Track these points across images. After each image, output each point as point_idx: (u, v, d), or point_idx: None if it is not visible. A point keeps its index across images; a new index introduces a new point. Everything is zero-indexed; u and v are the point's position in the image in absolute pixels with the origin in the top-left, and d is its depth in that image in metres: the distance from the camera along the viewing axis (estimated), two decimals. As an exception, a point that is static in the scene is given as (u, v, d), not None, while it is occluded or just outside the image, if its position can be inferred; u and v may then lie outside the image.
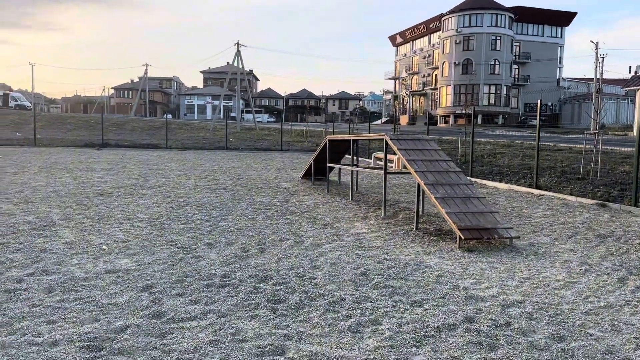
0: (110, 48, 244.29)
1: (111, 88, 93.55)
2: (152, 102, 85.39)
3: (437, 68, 66.87)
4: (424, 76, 71.80)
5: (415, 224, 7.46)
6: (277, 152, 26.46)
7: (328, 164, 11.79)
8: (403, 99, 76.57)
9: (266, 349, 3.40)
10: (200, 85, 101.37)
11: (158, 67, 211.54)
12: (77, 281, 4.72)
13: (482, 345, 3.54)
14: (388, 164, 9.00)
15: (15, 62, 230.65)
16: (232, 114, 66.33)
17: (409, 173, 8.23)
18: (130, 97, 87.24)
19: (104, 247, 6.01)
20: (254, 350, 3.38)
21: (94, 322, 3.79)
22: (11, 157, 18.09)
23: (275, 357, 3.29)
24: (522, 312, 4.19)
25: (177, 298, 4.36)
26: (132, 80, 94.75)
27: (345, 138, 11.51)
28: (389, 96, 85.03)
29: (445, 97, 63.57)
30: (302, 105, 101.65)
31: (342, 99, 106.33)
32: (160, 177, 13.48)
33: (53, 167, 15.33)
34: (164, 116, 62.36)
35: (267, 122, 71.83)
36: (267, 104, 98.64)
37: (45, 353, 3.25)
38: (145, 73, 70.65)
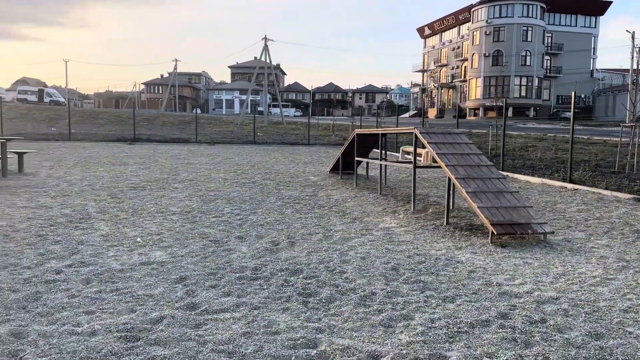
0: (141, 44, 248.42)
1: (142, 83, 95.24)
2: (181, 97, 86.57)
3: (466, 60, 65.83)
4: (452, 68, 70.80)
5: (445, 219, 7.39)
6: (304, 146, 26.54)
7: (356, 158, 11.76)
8: (431, 92, 75.69)
9: (299, 342, 3.43)
10: (228, 80, 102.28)
11: (187, 62, 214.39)
12: (113, 273, 4.84)
13: (517, 341, 3.49)
14: (417, 158, 8.92)
15: (50, 58, 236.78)
16: (260, 109, 66.73)
17: (439, 167, 8.15)
18: (161, 92, 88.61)
19: (138, 239, 6.14)
20: (286, 343, 3.41)
21: (131, 312, 3.88)
22: (47, 152, 18.63)
23: (307, 350, 3.31)
24: (558, 309, 4.11)
25: (210, 290, 4.42)
26: (162, 76, 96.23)
27: (374, 132, 11.46)
28: (416, 89, 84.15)
29: (475, 90, 62.58)
30: (329, 99, 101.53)
31: (369, 92, 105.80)
32: (191, 171, 13.69)
33: (87, 161, 15.73)
34: (193, 111, 63.15)
35: (294, 116, 72.01)
36: (294, 98, 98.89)
37: (85, 342, 3.35)
38: (175, 68, 71.67)
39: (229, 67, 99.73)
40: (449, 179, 7.30)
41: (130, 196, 9.33)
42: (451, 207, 8.11)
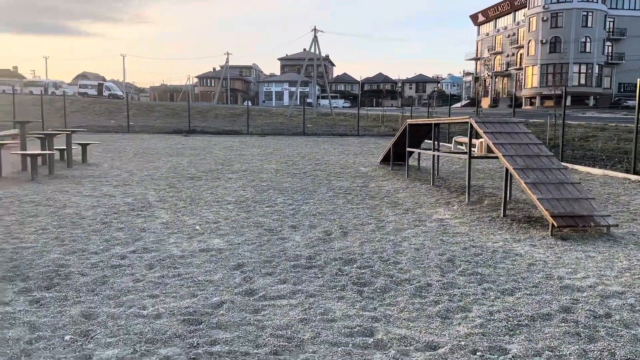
0: (195, 38, 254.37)
1: (195, 77, 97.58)
2: (232, 89, 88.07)
3: (522, 47, 63.57)
4: (507, 56, 68.56)
5: (502, 210, 7.21)
6: (354, 137, 26.48)
7: (408, 149, 11.63)
8: (484, 81, 73.66)
9: (355, 330, 3.45)
10: (277, 72, 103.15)
11: (238, 55, 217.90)
12: (174, 259, 5.02)
13: (581, 336, 3.38)
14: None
15: (108, 54, 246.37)
16: (308, 100, 66.98)
17: (495, 157, 7.96)
18: (213, 85, 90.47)
19: (197, 227, 6.34)
20: (343, 331, 3.44)
21: (192, 297, 4.03)
22: (108, 143, 19.46)
23: (364, 338, 3.33)
24: (624, 304, 3.94)
25: (266, 277, 4.52)
26: (214, 69, 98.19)
27: (426, 122, 11.29)
28: (469, 78, 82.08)
29: (531, 78, 60.37)
30: (378, 90, 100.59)
31: (419, 82, 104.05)
32: (243, 162, 13.96)
33: (146, 152, 16.33)
34: (244, 103, 64.24)
35: (343, 107, 71.82)
36: (343, 89, 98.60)
37: (151, 325, 3.50)
38: (227, 62, 72.96)
39: (279, 59, 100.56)
40: (507, 170, 7.10)
41: (188, 186, 9.64)
42: (508, 199, 7.90)
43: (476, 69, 78.22)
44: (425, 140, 15.14)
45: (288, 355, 3.09)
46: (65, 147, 12.84)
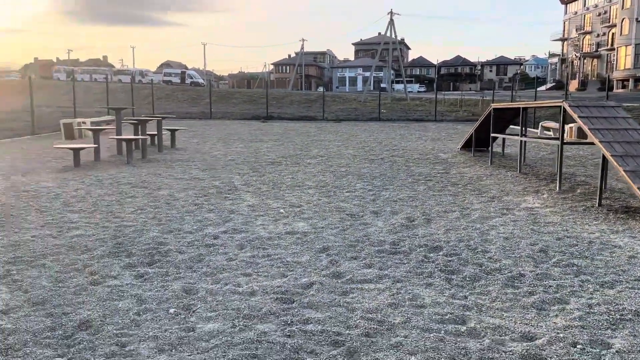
0: (271, 25, 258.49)
1: (271, 64, 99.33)
2: (307, 76, 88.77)
3: (614, 26, 59.01)
4: (597, 36, 63.97)
5: (597, 200, 6.81)
6: (431, 122, 25.95)
7: (492, 134, 11.24)
8: (572, 62, 69.30)
9: (446, 317, 3.43)
10: (351, 57, 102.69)
11: (313, 41, 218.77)
12: (263, 240, 5.21)
13: (693, 335, 3.16)
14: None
15: (189, 42, 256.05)
16: (382, 85, 66.15)
17: (588, 143, 7.53)
18: (288, 72, 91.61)
19: (281, 210, 6.52)
20: (434, 317, 3.43)
21: (283, 277, 4.17)
22: (193, 129, 20.35)
23: (456, 326, 3.30)
24: None
25: (352, 261, 4.58)
26: (289, 56, 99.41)
27: (513, 106, 10.85)
28: (555, 59, 77.51)
29: (624, 59, 55.99)
30: (456, 73, 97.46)
31: (500, 64, 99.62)
32: (321, 147, 14.11)
33: (228, 137, 16.94)
34: (318, 89, 64.60)
35: (418, 92, 70.38)
36: (418, 73, 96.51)
37: (247, 301, 3.67)
38: (302, 48, 73.56)
39: (353, 44, 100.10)
40: (603, 157, 6.69)
41: (269, 170, 9.91)
42: (603, 188, 7.45)
43: (563, 50, 73.73)
44: (511, 126, 14.54)
45: (380, 338, 3.13)
46: (155, 133, 13.58)
